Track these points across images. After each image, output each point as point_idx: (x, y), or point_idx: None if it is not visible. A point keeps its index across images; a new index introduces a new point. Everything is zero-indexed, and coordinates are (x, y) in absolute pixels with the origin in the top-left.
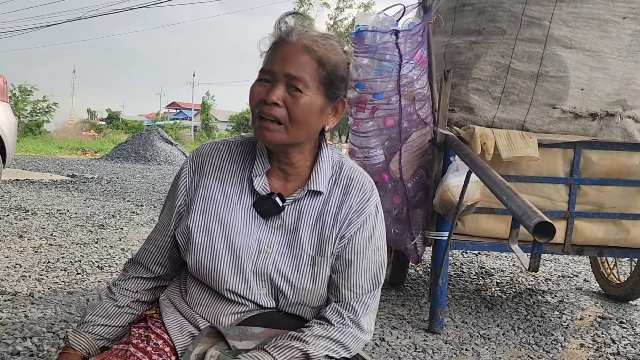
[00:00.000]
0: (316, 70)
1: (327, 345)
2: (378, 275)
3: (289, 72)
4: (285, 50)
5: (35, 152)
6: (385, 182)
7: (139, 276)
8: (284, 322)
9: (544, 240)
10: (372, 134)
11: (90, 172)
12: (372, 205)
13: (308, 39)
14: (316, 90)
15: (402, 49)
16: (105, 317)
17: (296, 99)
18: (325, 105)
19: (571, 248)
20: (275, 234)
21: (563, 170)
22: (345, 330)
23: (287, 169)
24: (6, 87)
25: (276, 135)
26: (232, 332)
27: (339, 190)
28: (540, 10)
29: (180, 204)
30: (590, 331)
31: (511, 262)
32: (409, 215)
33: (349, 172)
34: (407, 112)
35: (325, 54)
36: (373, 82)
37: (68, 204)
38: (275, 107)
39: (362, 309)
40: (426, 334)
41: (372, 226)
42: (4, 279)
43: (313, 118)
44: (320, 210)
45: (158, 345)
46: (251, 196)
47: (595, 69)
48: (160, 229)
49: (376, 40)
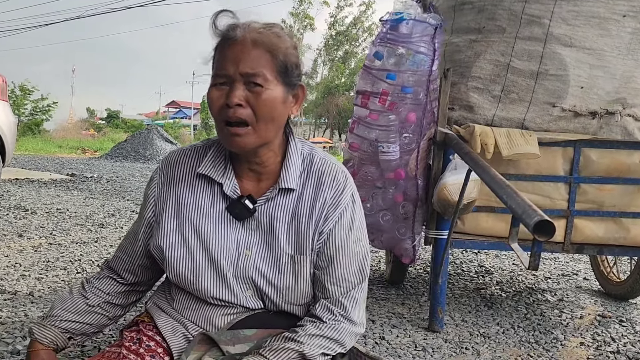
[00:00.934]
0: (270, 61)
1: (322, 343)
2: (362, 268)
3: (245, 71)
4: (235, 49)
5: (35, 151)
6: (401, 178)
7: (113, 277)
8: (275, 322)
9: (543, 239)
10: (394, 127)
11: (90, 171)
12: (348, 196)
13: (254, 32)
14: (275, 81)
15: (435, 44)
16: (75, 313)
17: (258, 94)
18: (286, 94)
19: (571, 246)
20: (253, 236)
21: (563, 168)
22: (337, 327)
23: (258, 169)
24: (5, 86)
25: (247, 139)
26: (224, 337)
27: (311, 185)
28: (540, 9)
29: (149, 216)
30: (590, 330)
31: (511, 260)
32: (415, 213)
33: (320, 165)
34: (427, 109)
35: (275, 43)
36: (404, 73)
37: (68, 203)
38: (239, 108)
39: (351, 304)
40: (426, 332)
41: (350, 218)
42: (3, 278)
43: (278, 110)
44: (295, 208)
45: (150, 347)
46: (224, 200)
47: (595, 67)
48: (129, 237)
49: (414, 31)
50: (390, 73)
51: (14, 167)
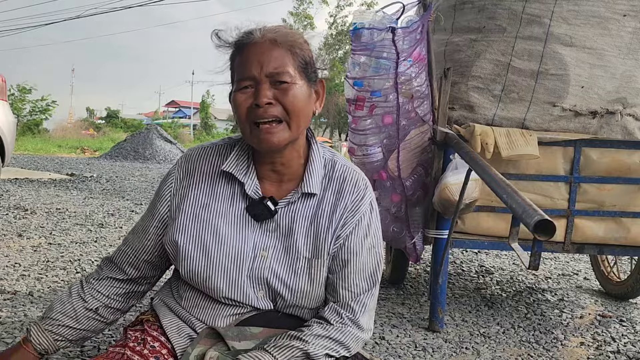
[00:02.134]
0: (291, 58)
1: (327, 344)
2: (375, 274)
3: (270, 71)
4: (256, 51)
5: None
6: (384, 180)
7: (113, 277)
8: (282, 322)
9: (544, 239)
10: (371, 131)
11: (90, 171)
12: (367, 203)
13: (270, 32)
14: (299, 77)
15: (399, 46)
16: (73, 318)
17: (286, 91)
18: (310, 90)
19: (571, 246)
20: (270, 238)
21: (563, 168)
22: (344, 330)
23: (282, 169)
24: (5, 85)
25: (281, 135)
26: (230, 333)
27: (332, 191)
28: (540, 8)
29: (163, 211)
30: (591, 329)
31: (511, 260)
32: (408, 213)
33: (342, 171)
34: (405, 109)
35: (291, 40)
36: (371, 79)
37: (67, 203)
38: (269, 107)
39: (360, 308)
40: (426, 332)
41: (367, 225)
42: (3, 278)
43: (305, 105)
44: (315, 212)
45: (155, 348)
46: (244, 200)
47: (596, 66)
48: (138, 231)
49: (373, 37)
50: (356, 81)
51: (13, 166)
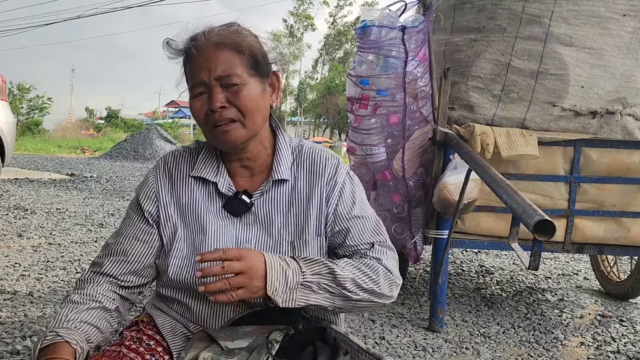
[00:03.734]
0: (238, 58)
1: (355, 272)
2: (378, 226)
3: (218, 75)
4: (202, 57)
5: (34, 151)
6: (387, 180)
7: (106, 284)
8: (275, 318)
9: (544, 239)
10: (375, 131)
11: (90, 171)
12: (343, 174)
13: (214, 36)
14: (248, 76)
15: (408, 45)
16: (85, 321)
17: (237, 93)
18: (263, 86)
19: (571, 246)
20: (251, 230)
21: (563, 168)
22: (372, 265)
23: (250, 164)
24: (5, 85)
25: (237, 132)
26: (222, 334)
27: (305, 172)
28: (540, 8)
29: (153, 211)
30: (591, 329)
31: (511, 260)
32: (410, 213)
33: (310, 153)
34: (410, 109)
35: (237, 40)
36: (378, 78)
37: (67, 203)
38: (223, 110)
39: (383, 255)
40: (426, 332)
41: (350, 192)
42: (3, 278)
43: (259, 103)
44: (290, 196)
45: (150, 346)
46: (220, 198)
47: (596, 66)
48: (128, 239)
49: (382, 36)
50: (362, 79)
51: (13, 166)
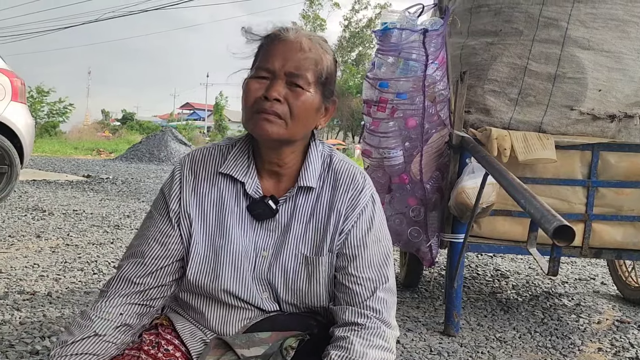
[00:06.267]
0: (314, 67)
1: (376, 354)
2: (384, 266)
3: (290, 70)
4: (284, 47)
5: (52, 153)
6: (405, 183)
7: (127, 292)
8: (290, 324)
9: (563, 244)
10: (392, 134)
11: (105, 173)
12: (367, 196)
13: (305, 36)
14: (314, 87)
15: (428, 48)
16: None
17: (298, 94)
18: (321, 104)
19: (589, 251)
20: (271, 237)
21: (581, 172)
22: (379, 332)
23: (279, 170)
24: (24, 88)
25: (276, 128)
26: (238, 341)
27: (329, 185)
28: (557, 11)
29: (176, 209)
30: (609, 335)
31: (527, 264)
32: (426, 217)
33: (338, 166)
34: (429, 113)
35: (321, 52)
36: (397, 81)
37: (84, 204)
38: (276, 103)
39: (382, 305)
40: (441, 336)
41: (369, 217)
42: (22, 278)
43: (311, 115)
44: (313, 207)
45: (169, 351)
46: (245, 199)
47: (614, 70)
48: (153, 238)
49: (403, 38)
50: (382, 82)
51: (31, 168)
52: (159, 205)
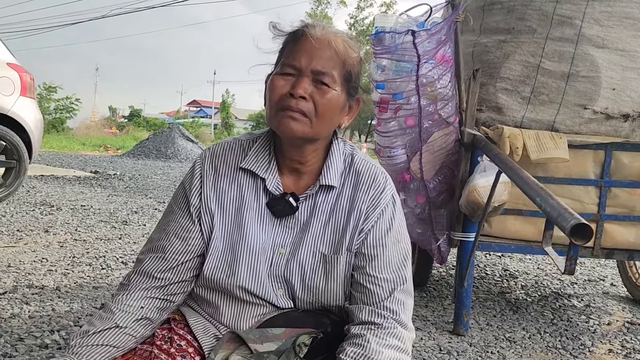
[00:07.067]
0: (340, 66)
1: (392, 354)
2: (403, 267)
3: (316, 68)
4: (310, 45)
5: (59, 149)
6: (407, 182)
7: (147, 286)
8: (303, 321)
9: (580, 243)
10: (394, 133)
11: (113, 169)
12: (388, 196)
13: (332, 34)
14: (340, 86)
15: (420, 48)
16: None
17: (323, 92)
18: (346, 102)
19: (600, 251)
20: (290, 235)
21: (593, 172)
22: (396, 332)
23: (300, 168)
24: (33, 83)
25: (301, 126)
26: (252, 336)
27: (350, 184)
28: (571, 9)
29: (196, 203)
30: (619, 336)
31: (536, 264)
32: (431, 215)
33: (359, 165)
34: (427, 111)
35: (347, 50)
36: (392, 82)
37: (91, 200)
38: (302, 100)
39: (399, 307)
40: (451, 335)
41: (389, 218)
42: (31, 273)
43: (336, 114)
44: (333, 205)
45: (181, 346)
46: (265, 195)
47: (628, 68)
48: (173, 232)
49: (395, 41)
50: (378, 83)
51: (39, 163)
52: (179, 200)
